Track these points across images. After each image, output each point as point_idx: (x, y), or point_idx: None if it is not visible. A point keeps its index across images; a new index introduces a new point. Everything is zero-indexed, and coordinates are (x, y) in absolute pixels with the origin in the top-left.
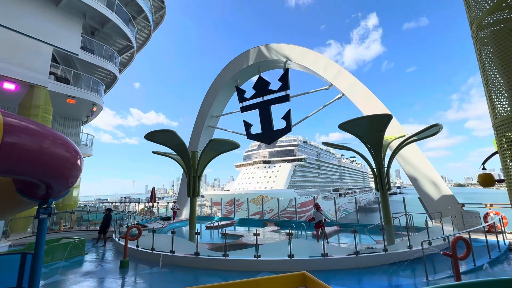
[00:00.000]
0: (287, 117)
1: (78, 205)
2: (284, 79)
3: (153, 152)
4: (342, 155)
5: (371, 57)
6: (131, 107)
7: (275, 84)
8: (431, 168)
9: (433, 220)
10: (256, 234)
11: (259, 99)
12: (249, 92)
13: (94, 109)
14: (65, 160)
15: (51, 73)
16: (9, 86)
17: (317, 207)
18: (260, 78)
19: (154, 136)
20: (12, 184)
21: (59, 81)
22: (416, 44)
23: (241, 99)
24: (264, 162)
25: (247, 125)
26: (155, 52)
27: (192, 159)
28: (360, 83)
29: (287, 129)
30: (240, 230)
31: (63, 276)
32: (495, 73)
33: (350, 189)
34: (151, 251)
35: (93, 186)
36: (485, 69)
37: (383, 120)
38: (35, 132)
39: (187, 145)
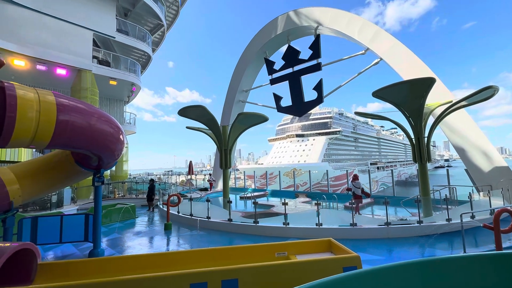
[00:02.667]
0: (318, 87)
1: (128, 176)
2: (315, 47)
3: (187, 127)
4: (382, 126)
5: (419, 14)
6: (167, 86)
7: (305, 53)
8: (482, 137)
9: (480, 193)
10: (285, 204)
11: (289, 70)
12: (279, 63)
13: (133, 89)
14: (109, 135)
15: (93, 57)
16: (61, 71)
17: (353, 178)
18: (289, 48)
19: (186, 112)
20: (71, 157)
21: (101, 64)
22: None
23: (271, 71)
24: (297, 135)
25: (277, 98)
26: (185, 29)
27: (223, 133)
28: (401, 45)
29: (319, 100)
30: (272, 201)
31: (119, 234)
32: None
33: (390, 162)
34: (190, 216)
35: (140, 161)
36: None
37: (423, 85)
38: (82, 110)
39: (219, 120)
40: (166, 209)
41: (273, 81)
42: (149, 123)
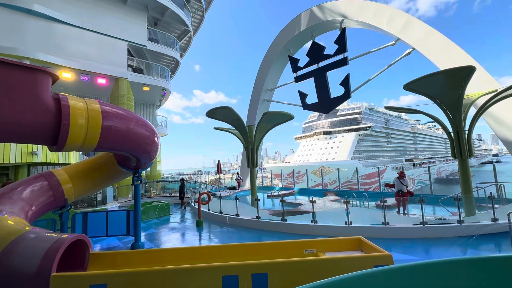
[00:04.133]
0: (345, 82)
1: (162, 176)
2: (341, 41)
3: (215, 128)
4: (418, 120)
5: None
6: (194, 89)
7: (330, 48)
8: None
9: None
10: (312, 201)
11: (314, 67)
12: (303, 60)
13: (164, 93)
14: (146, 137)
15: (128, 65)
16: (101, 81)
17: (400, 175)
18: (314, 44)
19: (214, 113)
20: (114, 159)
21: (135, 71)
22: None
23: (295, 68)
24: (325, 133)
25: (302, 95)
26: (210, 32)
27: (249, 132)
28: (436, 32)
29: (346, 96)
30: (300, 199)
31: (156, 229)
32: None
33: (428, 158)
34: (219, 214)
35: (172, 161)
36: None
37: (462, 75)
38: (122, 116)
39: (245, 120)
40: (197, 207)
41: (298, 79)
42: (179, 125)
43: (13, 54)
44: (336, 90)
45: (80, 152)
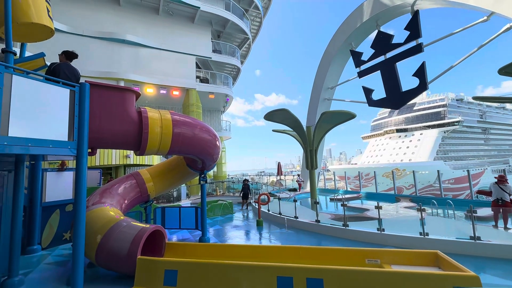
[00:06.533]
0: (420, 72)
1: (227, 177)
2: (413, 25)
3: (273, 130)
4: None
5: None
6: (255, 93)
7: (399, 37)
8: None
9: None
10: (378, 207)
11: (381, 59)
12: (366, 53)
13: (227, 99)
14: (208, 142)
15: (196, 76)
16: (175, 93)
17: (499, 179)
18: (379, 33)
19: (272, 116)
20: (184, 161)
21: (202, 82)
22: None
23: (358, 62)
24: (398, 130)
25: (367, 91)
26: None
27: (307, 133)
28: None
29: (421, 88)
30: (367, 204)
31: (221, 226)
32: None
33: None
34: (279, 215)
35: (236, 163)
36: None
37: None
38: (189, 123)
39: (305, 121)
40: (257, 207)
41: (361, 74)
42: (242, 128)
43: (113, 77)
44: (407, 83)
45: (160, 156)
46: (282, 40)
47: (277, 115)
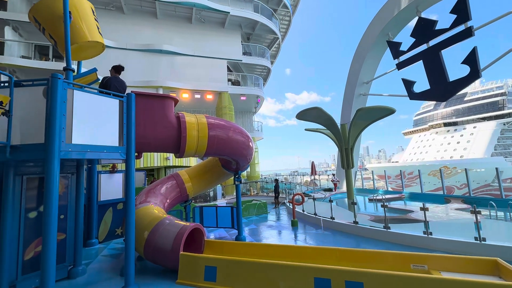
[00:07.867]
0: (471, 59)
1: (260, 177)
2: (461, 7)
3: (306, 129)
4: None
5: None
6: (286, 92)
7: (443, 22)
8: None
9: None
10: (424, 209)
11: (423, 47)
12: (405, 44)
13: (258, 100)
14: (242, 143)
15: (228, 79)
16: (209, 96)
17: None
18: (420, 20)
19: (303, 115)
20: (219, 162)
21: (234, 84)
22: None
23: (396, 53)
24: (446, 124)
25: (408, 83)
26: (298, 35)
27: (342, 131)
28: None
29: (473, 76)
30: (411, 205)
31: (255, 225)
32: None
33: None
34: (314, 215)
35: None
36: None
37: None
38: (223, 126)
39: (339, 118)
40: (292, 207)
41: (400, 65)
42: (274, 128)
43: (152, 85)
44: (454, 72)
45: (197, 158)
46: (313, 36)
47: (309, 114)
